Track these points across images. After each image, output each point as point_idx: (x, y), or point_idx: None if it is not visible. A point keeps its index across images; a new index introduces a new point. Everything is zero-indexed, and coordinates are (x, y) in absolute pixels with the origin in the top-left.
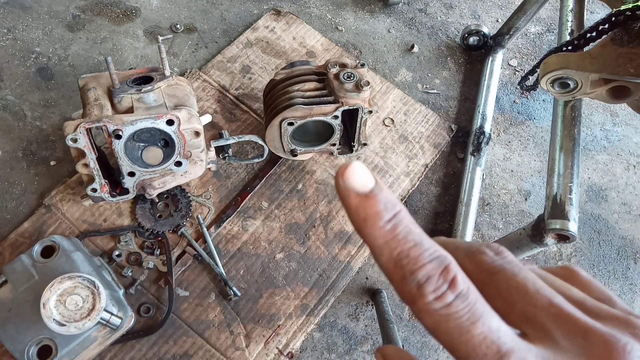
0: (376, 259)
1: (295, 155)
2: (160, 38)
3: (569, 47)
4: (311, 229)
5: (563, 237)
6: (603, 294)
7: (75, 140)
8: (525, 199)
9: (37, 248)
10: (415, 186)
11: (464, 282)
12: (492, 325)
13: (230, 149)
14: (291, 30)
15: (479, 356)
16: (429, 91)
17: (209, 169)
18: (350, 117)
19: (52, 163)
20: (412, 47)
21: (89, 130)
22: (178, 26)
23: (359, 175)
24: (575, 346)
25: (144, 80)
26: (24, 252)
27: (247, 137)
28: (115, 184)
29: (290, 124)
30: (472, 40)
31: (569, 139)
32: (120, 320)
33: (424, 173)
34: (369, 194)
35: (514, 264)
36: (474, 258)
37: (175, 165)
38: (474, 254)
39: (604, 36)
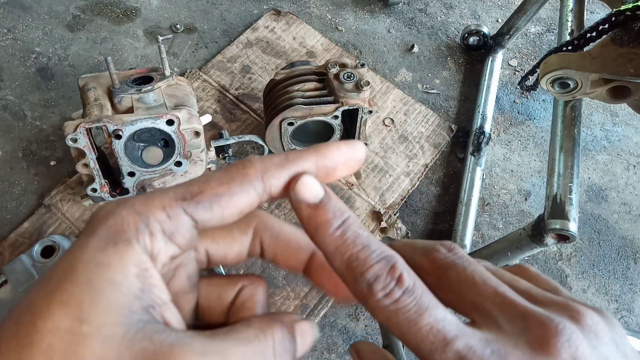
0: (330, 264)
1: None
2: (160, 38)
3: (569, 47)
4: None
5: (563, 237)
6: (549, 285)
7: (75, 140)
8: (525, 199)
9: (37, 248)
10: (415, 186)
11: (409, 278)
12: (438, 316)
13: (230, 149)
14: (291, 30)
15: (427, 345)
16: (429, 91)
17: (209, 169)
18: (350, 117)
19: (52, 163)
20: (412, 47)
21: (89, 130)
22: (178, 26)
23: (309, 188)
24: (516, 328)
25: (144, 80)
26: (24, 252)
27: (247, 137)
28: (115, 184)
29: (290, 124)
30: (472, 40)
31: (569, 139)
32: None
33: (424, 173)
34: (319, 204)
35: (464, 259)
36: (429, 255)
37: (175, 165)
38: (429, 252)
39: (604, 36)
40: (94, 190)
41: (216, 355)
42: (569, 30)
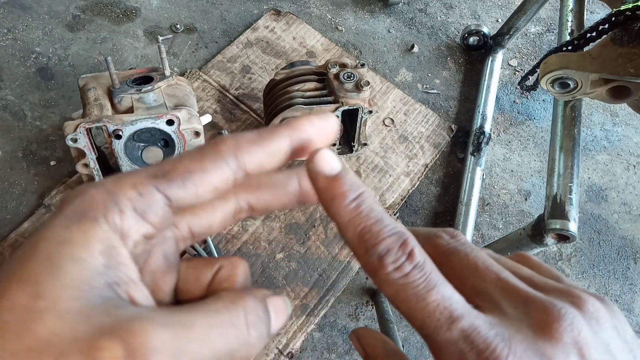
0: (343, 235)
1: None
2: (160, 38)
3: (569, 47)
4: (311, 229)
5: (563, 237)
6: (551, 273)
7: (75, 140)
8: (525, 199)
9: None
10: (415, 186)
11: (420, 254)
12: (446, 294)
13: None
14: (291, 30)
15: (433, 321)
16: (429, 91)
17: None
18: (350, 117)
19: (52, 163)
20: (412, 47)
21: (89, 130)
22: (178, 26)
23: (327, 160)
24: (518, 312)
25: (144, 80)
26: None
27: None
28: None
29: None
30: (472, 40)
31: (569, 139)
32: None
33: (424, 173)
34: (336, 176)
35: (467, 245)
36: (432, 241)
37: None
38: (431, 238)
39: (604, 36)
40: None
41: (179, 326)
42: (569, 30)
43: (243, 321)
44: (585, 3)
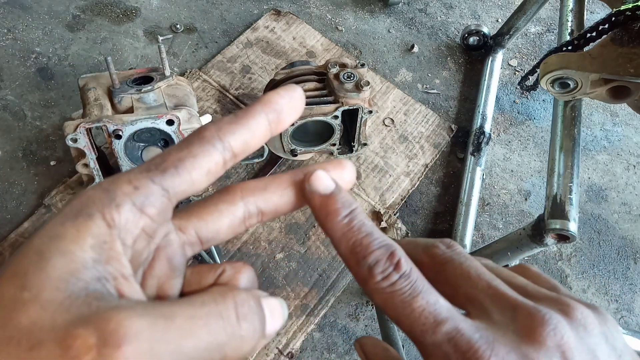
0: (337, 249)
1: (295, 155)
2: (160, 38)
3: (569, 47)
4: (311, 229)
5: (563, 237)
6: (549, 283)
7: (75, 140)
8: (525, 199)
9: None
10: (415, 186)
11: (406, 264)
12: (430, 299)
13: None
14: (291, 30)
15: (419, 326)
16: (429, 91)
17: None
18: (350, 117)
19: (52, 163)
20: (412, 47)
21: (89, 130)
22: (178, 26)
23: (322, 180)
24: (505, 319)
25: (144, 80)
26: None
27: None
28: None
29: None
30: (472, 40)
31: (569, 139)
32: None
33: (424, 173)
34: (330, 194)
35: (462, 255)
36: (429, 251)
37: None
38: (429, 248)
39: (604, 36)
40: None
41: (159, 316)
42: (569, 30)
43: (233, 313)
44: (585, 3)
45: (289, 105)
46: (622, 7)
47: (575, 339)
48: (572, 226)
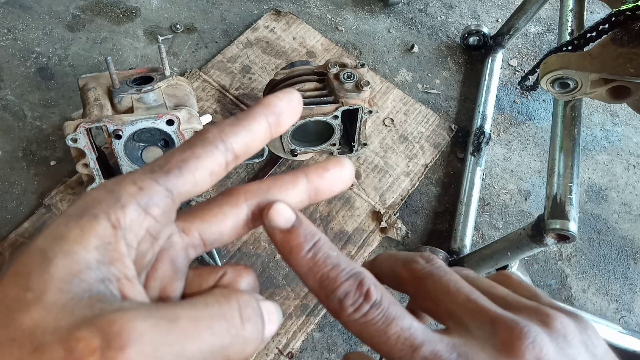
0: (305, 283)
1: (296, 155)
2: (160, 38)
3: (569, 47)
4: None
5: (563, 237)
6: (530, 291)
7: (75, 140)
8: (525, 199)
9: None
10: (415, 186)
11: (376, 292)
12: (404, 325)
13: None
14: (291, 30)
15: (397, 352)
16: (429, 91)
17: None
18: (350, 117)
19: (52, 163)
20: (412, 47)
21: (89, 130)
22: (178, 26)
23: (281, 214)
24: (484, 333)
25: (144, 80)
26: None
27: None
28: None
29: None
30: (472, 40)
31: (569, 139)
32: None
33: (424, 173)
34: (291, 229)
35: (441, 269)
36: (408, 266)
37: None
38: (408, 263)
39: (604, 36)
40: None
41: (162, 319)
42: (569, 30)
43: (237, 314)
44: (585, 3)
45: (288, 108)
46: (622, 7)
47: (554, 351)
48: (572, 226)
